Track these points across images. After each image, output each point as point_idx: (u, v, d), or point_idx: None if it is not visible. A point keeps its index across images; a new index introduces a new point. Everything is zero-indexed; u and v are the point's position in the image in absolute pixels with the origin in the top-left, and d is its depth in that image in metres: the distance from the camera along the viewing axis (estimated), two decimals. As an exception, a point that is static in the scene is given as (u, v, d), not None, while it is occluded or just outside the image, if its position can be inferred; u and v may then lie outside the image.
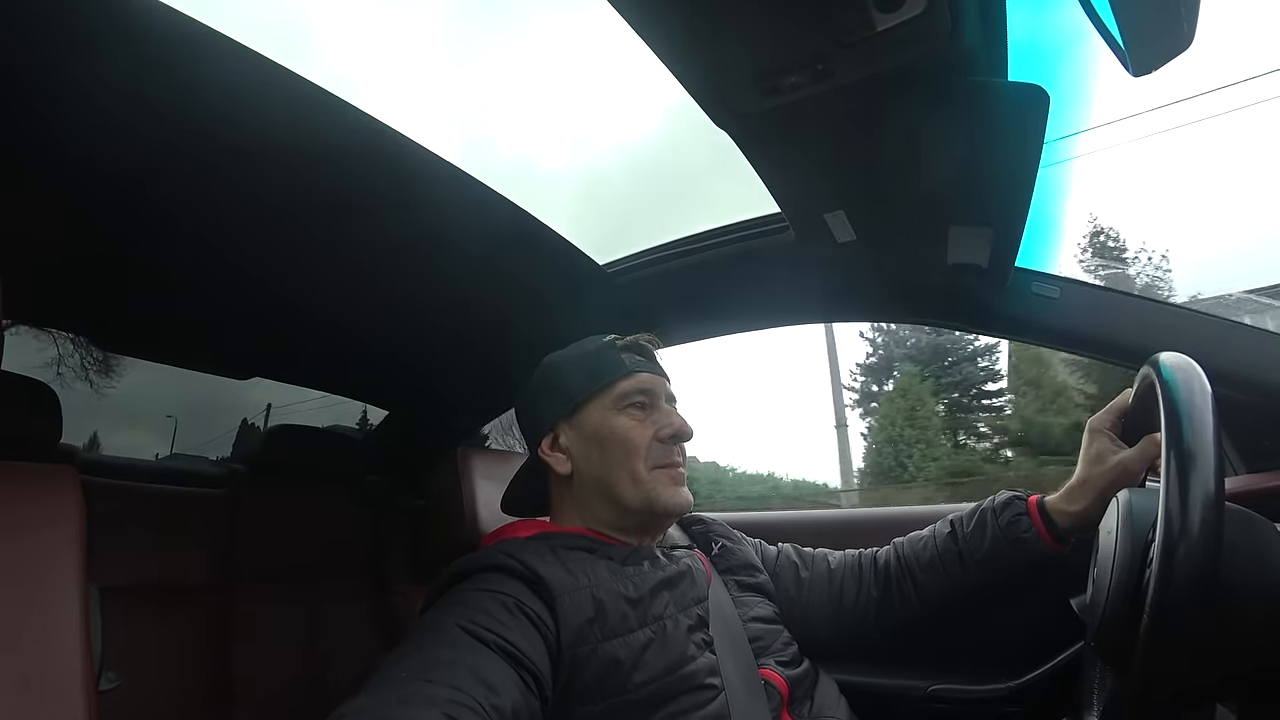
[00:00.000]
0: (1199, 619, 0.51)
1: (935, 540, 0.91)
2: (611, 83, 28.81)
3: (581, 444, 0.86)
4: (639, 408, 0.86)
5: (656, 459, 0.84)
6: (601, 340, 0.91)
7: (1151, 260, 12.68)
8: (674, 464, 0.85)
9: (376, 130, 0.78)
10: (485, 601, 0.67)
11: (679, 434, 0.86)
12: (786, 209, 0.97)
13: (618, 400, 0.85)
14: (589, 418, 0.86)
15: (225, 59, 0.66)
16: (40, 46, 0.62)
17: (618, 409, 0.85)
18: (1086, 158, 0.89)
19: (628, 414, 0.85)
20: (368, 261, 1.06)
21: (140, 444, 12.82)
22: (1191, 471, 0.53)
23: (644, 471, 0.83)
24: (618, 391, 0.86)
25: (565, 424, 0.88)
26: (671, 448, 0.85)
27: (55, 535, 0.61)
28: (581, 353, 0.90)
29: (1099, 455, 0.82)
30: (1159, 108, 8.42)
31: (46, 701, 0.55)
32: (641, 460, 0.83)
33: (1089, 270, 11.98)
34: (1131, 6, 0.47)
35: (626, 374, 0.86)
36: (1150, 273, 12.45)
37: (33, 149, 0.76)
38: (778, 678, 0.79)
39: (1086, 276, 1.63)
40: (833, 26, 0.59)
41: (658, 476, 0.83)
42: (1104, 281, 1.02)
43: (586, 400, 0.86)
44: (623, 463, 0.83)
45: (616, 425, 0.84)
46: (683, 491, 0.85)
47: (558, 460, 0.87)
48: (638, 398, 0.86)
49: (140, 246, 0.98)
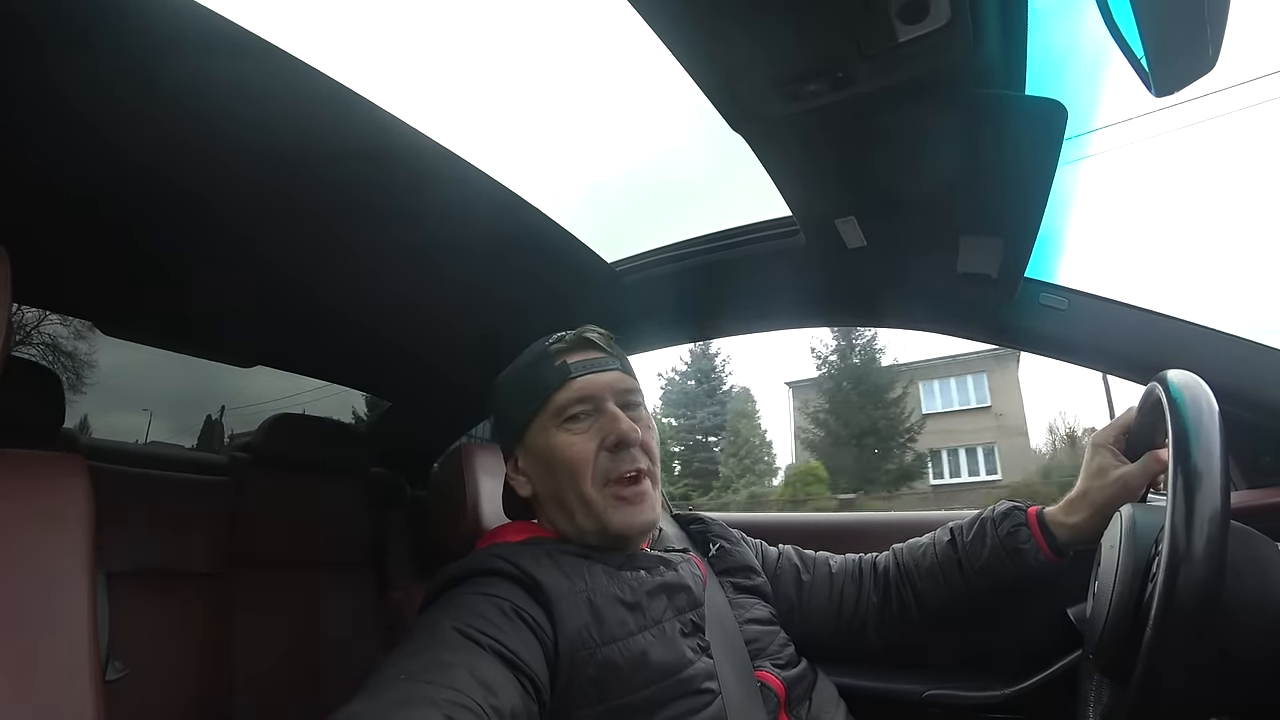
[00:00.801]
0: (1200, 636, 0.52)
1: (935, 548, 0.91)
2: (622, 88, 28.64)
3: (534, 466, 0.83)
4: (578, 420, 0.79)
5: (605, 472, 0.78)
6: (542, 346, 0.85)
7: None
8: (625, 478, 0.78)
9: (387, 123, 0.78)
10: (482, 606, 0.67)
11: (622, 440, 0.78)
12: (798, 213, 0.97)
13: (555, 415, 0.80)
14: (534, 440, 0.82)
15: (236, 49, 0.65)
16: (51, 35, 0.62)
17: (557, 425, 0.80)
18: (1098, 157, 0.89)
19: (566, 429, 0.79)
20: (377, 253, 1.06)
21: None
22: (1198, 490, 0.53)
23: (592, 492, 0.78)
24: (554, 406, 0.80)
25: (519, 447, 0.85)
26: (621, 455, 0.78)
27: (64, 523, 0.62)
28: (522, 366, 0.86)
29: (1100, 469, 0.82)
30: (1165, 108, 8.41)
31: (54, 688, 0.55)
32: (588, 479, 0.77)
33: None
34: (1158, 28, 0.47)
35: (559, 384, 0.80)
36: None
37: (43, 137, 0.76)
38: (774, 679, 0.79)
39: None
40: (855, 36, 0.60)
41: (607, 498, 0.78)
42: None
43: (529, 420, 0.82)
44: (569, 484, 0.78)
45: (557, 444, 0.79)
46: (638, 511, 0.78)
47: (520, 484, 0.85)
48: (576, 408, 0.79)
49: (149, 235, 0.97)
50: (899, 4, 0.56)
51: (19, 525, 0.58)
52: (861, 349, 18.15)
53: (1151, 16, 0.46)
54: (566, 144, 33.12)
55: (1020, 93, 0.69)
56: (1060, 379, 20.94)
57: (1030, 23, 0.62)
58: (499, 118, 32.43)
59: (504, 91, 32.66)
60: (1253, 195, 22.75)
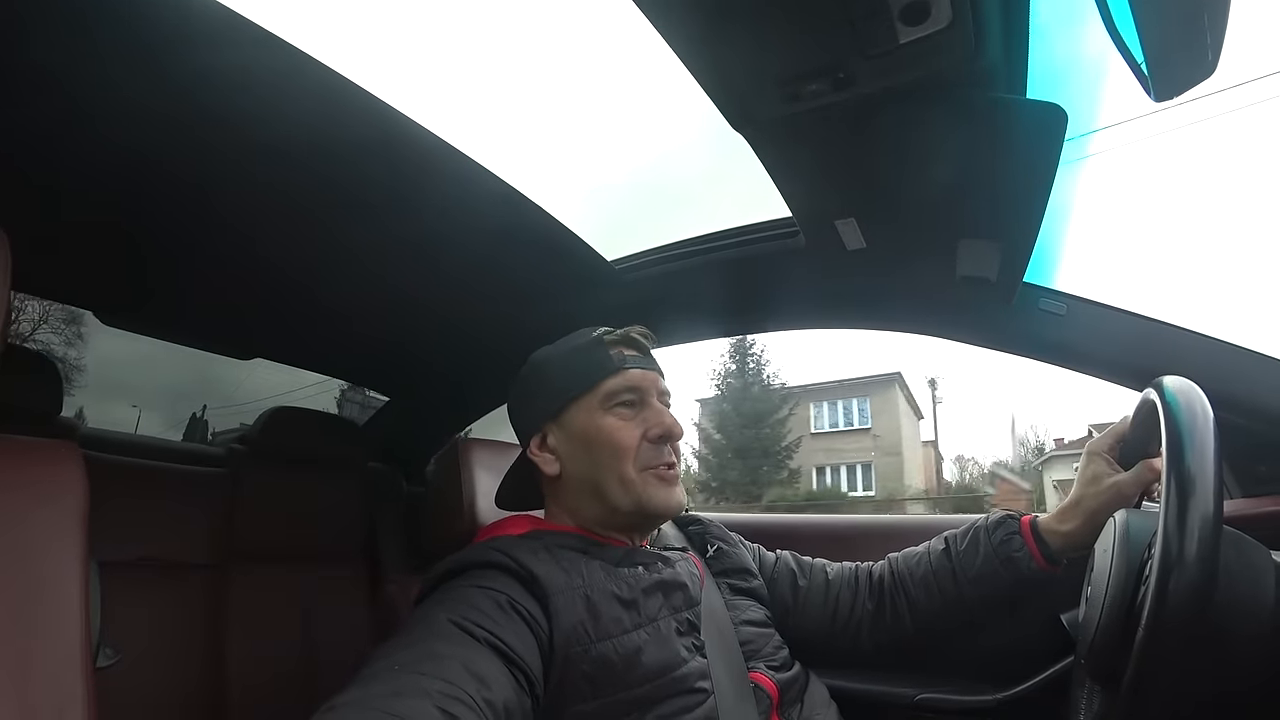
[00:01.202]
0: (1192, 641, 0.52)
1: (929, 557, 0.91)
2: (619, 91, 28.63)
3: (569, 444, 0.85)
4: (627, 406, 0.83)
5: (646, 460, 0.82)
6: (591, 334, 0.88)
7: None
8: (664, 464, 0.83)
9: (388, 116, 0.78)
10: (478, 598, 0.67)
11: (668, 433, 0.83)
12: (798, 214, 0.97)
13: (605, 399, 0.83)
14: (576, 418, 0.84)
15: (240, 40, 0.65)
16: (54, 25, 0.62)
17: (605, 409, 0.83)
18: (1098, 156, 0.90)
19: (615, 413, 0.83)
20: (376, 248, 1.06)
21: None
22: (1191, 495, 0.53)
23: (633, 473, 0.81)
24: (605, 390, 0.83)
25: (552, 424, 0.86)
26: (662, 448, 0.83)
27: (58, 511, 0.61)
28: (570, 348, 0.88)
29: (1094, 477, 0.83)
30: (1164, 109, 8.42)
31: (46, 675, 0.55)
32: (630, 461, 0.81)
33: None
34: (1157, 33, 0.48)
35: (614, 371, 0.84)
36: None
37: (46, 127, 0.76)
38: (767, 681, 0.79)
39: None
40: (857, 36, 0.60)
41: (647, 477, 0.81)
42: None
43: (573, 400, 0.84)
44: (610, 464, 0.81)
45: (604, 426, 0.82)
46: (675, 492, 0.83)
47: (546, 461, 0.86)
48: (626, 396, 0.83)
49: (148, 227, 0.97)
50: (900, 5, 0.56)
51: (11, 510, 0.58)
52: (751, 370, 19.79)
53: (1151, 21, 0.46)
54: (568, 143, 33.14)
55: (1021, 96, 0.69)
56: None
57: (1032, 26, 0.62)
58: (501, 115, 32.43)
59: (506, 90, 32.67)
60: (1252, 196, 22.76)
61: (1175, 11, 0.46)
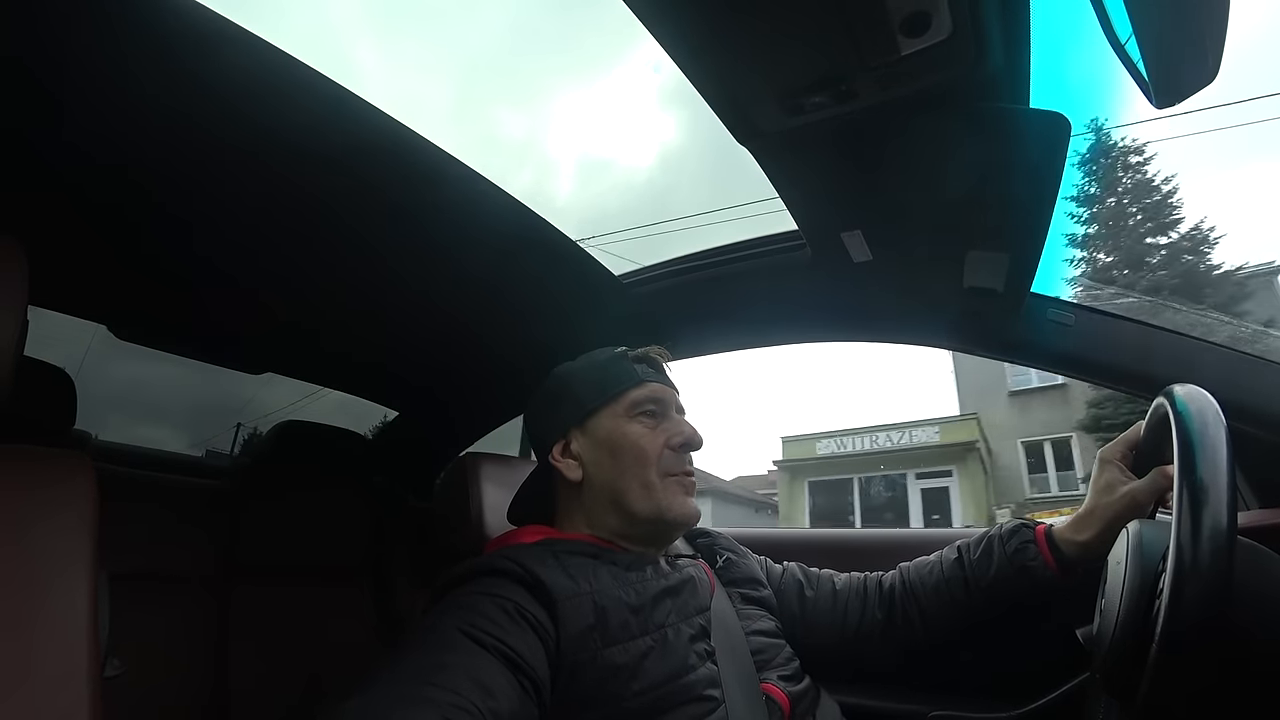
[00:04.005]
0: (1206, 653, 0.51)
1: (942, 565, 0.90)
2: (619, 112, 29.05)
3: (593, 450, 0.86)
4: (650, 416, 0.87)
5: (668, 467, 0.84)
6: (613, 351, 0.92)
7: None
8: (685, 473, 0.86)
9: (395, 131, 0.78)
10: (485, 605, 0.67)
11: (689, 442, 0.86)
12: (804, 227, 0.97)
13: (629, 408, 0.86)
14: (601, 425, 0.86)
15: (242, 52, 0.66)
16: (57, 37, 0.63)
17: (629, 417, 0.86)
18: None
19: (639, 421, 0.86)
20: (384, 262, 1.07)
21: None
22: (1204, 505, 0.52)
23: (655, 479, 0.83)
24: (630, 400, 0.87)
25: (577, 431, 0.88)
26: (683, 456, 0.86)
27: (68, 521, 0.62)
28: (592, 363, 0.92)
29: (1108, 485, 0.82)
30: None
31: (52, 686, 0.55)
32: (653, 468, 0.83)
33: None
34: (1157, 40, 0.48)
35: (638, 383, 0.87)
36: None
37: (53, 141, 0.77)
38: (779, 693, 0.78)
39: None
40: (858, 49, 0.60)
41: (669, 485, 0.84)
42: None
43: (599, 408, 0.87)
44: (634, 470, 0.83)
45: (629, 432, 0.85)
46: (691, 502, 0.85)
47: (569, 466, 0.87)
48: (649, 406, 0.87)
49: (161, 239, 0.99)
50: (901, 17, 0.56)
51: (21, 518, 0.58)
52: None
53: (1151, 28, 0.46)
54: (574, 155, 33.50)
55: (1024, 106, 0.69)
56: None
57: (1033, 36, 0.63)
58: (505, 128, 32.86)
59: (512, 103, 33.12)
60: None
61: (1174, 18, 0.46)
